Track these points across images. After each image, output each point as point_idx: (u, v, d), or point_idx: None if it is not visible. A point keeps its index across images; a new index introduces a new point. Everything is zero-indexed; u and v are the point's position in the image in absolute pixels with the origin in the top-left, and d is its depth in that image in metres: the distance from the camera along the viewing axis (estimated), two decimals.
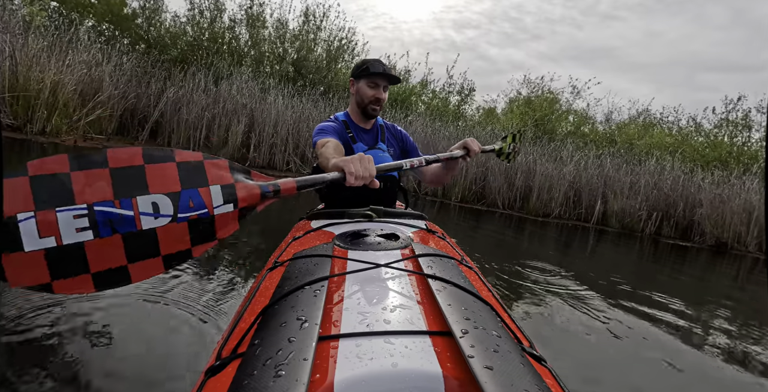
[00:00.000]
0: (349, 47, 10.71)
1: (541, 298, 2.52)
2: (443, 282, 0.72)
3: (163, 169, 0.79)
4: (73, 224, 0.70)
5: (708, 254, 6.03)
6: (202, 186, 0.82)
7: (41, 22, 6.91)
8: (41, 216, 0.68)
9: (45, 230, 0.68)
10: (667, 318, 2.52)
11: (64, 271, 0.71)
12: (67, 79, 5.90)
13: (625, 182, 7.47)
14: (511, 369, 0.48)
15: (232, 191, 0.86)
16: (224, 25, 9.93)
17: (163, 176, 0.79)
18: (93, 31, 8.55)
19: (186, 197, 0.80)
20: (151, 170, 0.78)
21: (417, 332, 0.56)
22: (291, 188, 0.94)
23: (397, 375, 0.47)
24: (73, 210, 0.70)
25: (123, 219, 0.74)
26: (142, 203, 0.76)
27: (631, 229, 7.11)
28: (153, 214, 0.76)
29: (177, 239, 0.80)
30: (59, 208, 0.69)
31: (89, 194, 0.72)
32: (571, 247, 5.10)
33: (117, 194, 0.74)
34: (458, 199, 7.62)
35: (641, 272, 4.14)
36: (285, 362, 0.47)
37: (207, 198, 0.82)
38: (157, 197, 0.77)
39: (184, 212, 0.79)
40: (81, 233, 0.71)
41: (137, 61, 8.11)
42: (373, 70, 1.60)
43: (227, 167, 0.88)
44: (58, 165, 0.71)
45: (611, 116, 12.33)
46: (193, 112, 7.36)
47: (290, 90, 8.36)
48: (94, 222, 0.72)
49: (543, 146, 8.62)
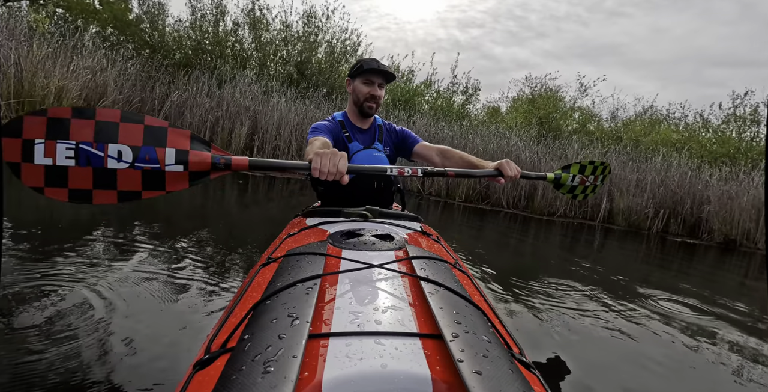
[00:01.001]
0: (353, 48, 10.72)
1: (540, 302, 2.50)
2: (436, 285, 0.72)
3: (133, 128, 1.03)
4: (64, 153, 0.99)
5: (716, 251, 5.95)
6: (160, 146, 1.05)
7: (46, 29, 6.99)
8: (47, 143, 0.98)
9: (47, 153, 0.98)
10: (673, 319, 2.47)
11: (53, 182, 1.00)
12: (71, 84, 5.96)
13: (632, 179, 7.39)
14: (500, 374, 0.48)
15: (185, 155, 1.07)
16: (227, 28, 9.99)
17: (131, 133, 1.03)
18: (98, 37, 8.64)
19: (144, 151, 1.03)
20: (123, 127, 1.03)
21: (407, 334, 0.56)
22: (243, 165, 1.11)
23: (386, 376, 0.47)
24: (66, 143, 0.99)
25: (96, 157, 1.01)
26: (111, 149, 1.01)
27: (638, 227, 7.03)
28: (117, 158, 1.02)
29: (131, 182, 1.04)
30: (59, 140, 0.98)
31: (79, 136, 1.00)
32: (576, 246, 5.05)
33: (96, 139, 1.01)
34: (462, 199, 7.59)
35: (647, 271, 4.08)
36: (274, 358, 0.47)
37: (162, 156, 1.05)
38: (122, 147, 1.02)
39: (140, 163, 1.03)
40: (68, 160, 0.99)
41: (141, 65, 8.19)
42: (367, 67, 1.60)
43: (188, 137, 1.09)
44: (65, 113, 1.00)
45: (617, 113, 12.23)
46: (197, 115, 7.41)
47: (293, 92, 8.39)
48: (77, 155, 1.00)
49: (548, 144, 8.56)
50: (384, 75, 1.63)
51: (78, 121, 1.00)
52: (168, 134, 1.06)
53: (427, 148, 1.78)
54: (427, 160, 1.78)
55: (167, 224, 3.21)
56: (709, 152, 9.65)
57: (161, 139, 1.05)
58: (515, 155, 7.78)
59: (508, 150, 7.90)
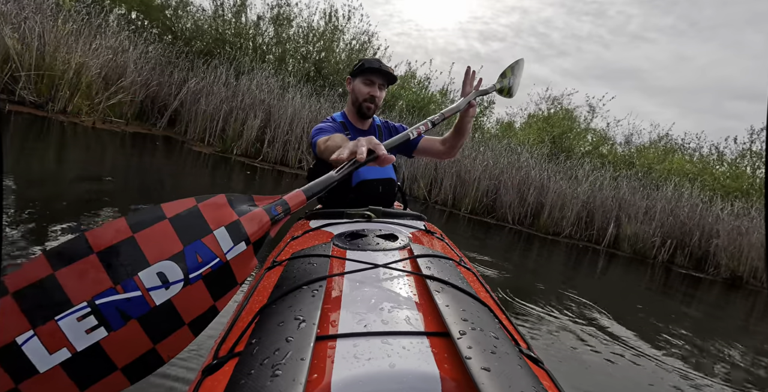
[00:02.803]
0: (371, 50, 10.74)
1: (545, 314, 2.43)
2: (441, 283, 0.72)
3: (157, 232, 0.71)
4: (80, 327, 0.63)
5: (722, 287, 5.84)
6: (206, 235, 0.74)
7: (71, 6, 7.05)
8: (43, 331, 0.61)
9: (53, 344, 0.61)
10: (669, 343, 2.41)
11: (91, 377, 0.65)
12: (92, 62, 6.00)
13: (641, 206, 7.30)
14: (509, 370, 0.48)
15: (240, 227, 0.77)
16: (250, 21, 10.05)
17: (159, 240, 0.71)
18: (123, 19, 8.71)
19: (192, 253, 0.72)
20: (143, 238, 0.70)
21: (415, 332, 0.56)
22: (300, 201, 0.86)
23: (395, 376, 0.47)
24: (74, 313, 0.63)
25: (132, 303, 0.66)
26: (146, 278, 0.68)
27: (643, 255, 6.93)
28: (163, 285, 0.69)
29: (197, 301, 0.72)
30: (58, 316, 0.62)
31: (85, 290, 0.65)
32: (580, 268, 4.97)
33: (115, 278, 0.66)
34: (468, 210, 7.52)
35: (649, 297, 4.00)
36: (282, 362, 0.47)
37: (215, 246, 0.74)
38: (160, 266, 0.69)
39: (195, 271, 0.71)
40: (92, 332, 0.64)
41: (162, 50, 8.24)
42: (368, 66, 1.56)
43: (226, 202, 0.79)
44: (39, 270, 0.64)
45: (631, 138, 12.14)
46: (211, 103, 7.42)
47: (309, 89, 8.39)
48: (102, 317, 0.64)
49: (559, 164, 8.49)
50: (385, 76, 1.58)
51: (68, 269, 0.65)
52: (204, 214, 0.77)
53: (432, 141, 1.76)
54: (434, 152, 1.75)
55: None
56: (722, 186, 9.53)
57: (201, 224, 0.76)
58: (525, 172, 7.72)
59: (519, 166, 7.84)
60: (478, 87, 1.57)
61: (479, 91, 1.57)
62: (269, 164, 7.24)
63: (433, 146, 1.74)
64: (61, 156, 4.11)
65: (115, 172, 4.05)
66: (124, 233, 0.69)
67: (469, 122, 1.61)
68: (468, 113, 1.57)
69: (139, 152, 5.60)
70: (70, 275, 0.64)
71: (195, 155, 6.43)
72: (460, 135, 1.66)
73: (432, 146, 1.74)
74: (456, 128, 1.65)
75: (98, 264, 0.66)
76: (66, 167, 3.72)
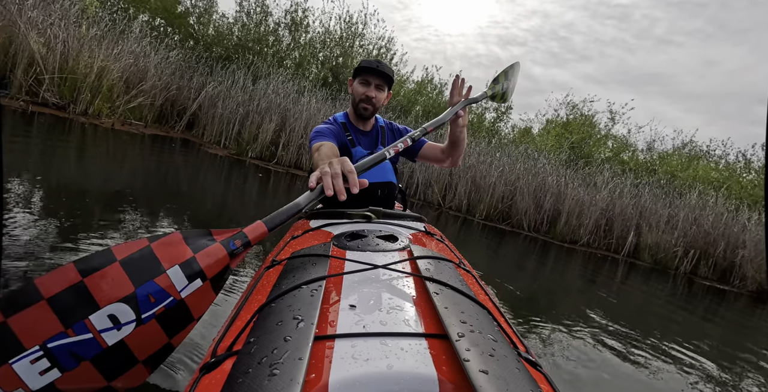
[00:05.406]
0: (388, 56, 10.76)
1: (549, 319, 2.34)
2: (441, 285, 0.72)
3: (106, 275, 0.72)
4: (33, 369, 0.66)
5: (747, 300, 5.57)
6: (159, 274, 0.75)
7: (94, 13, 7.28)
8: None
9: (8, 385, 0.65)
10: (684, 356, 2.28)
11: None
12: (113, 66, 6.16)
13: (663, 214, 7.06)
14: (507, 373, 0.48)
15: (194, 264, 0.78)
16: (269, 28, 10.20)
17: (110, 283, 0.72)
18: (146, 25, 8.95)
19: (144, 293, 0.73)
20: (93, 282, 0.71)
21: (413, 334, 0.56)
22: (262, 233, 0.86)
23: (392, 377, 0.47)
24: (27, 356, 0.66)
25: (84, 345, 0.68)
26: (97, 321, 0.69)
27: (665, 265, 6.68)
28: (114, 327, 0.70)
29: (151, 340, 0.74)
30: (12, 360, 0.65)
31: (37, 334, 0.67)
32: (596, 277, 4.81)
33: (66, 322, 0.68)
34: (482, 217, 7.41)
35: (668, 309, 3.83)
36: (280, 361, 0.47)
37: (168, 285, 0.75)
38: (112, 308, 0.70)
39: (148, 311, 0.73)
40: (46, 374, 0.67)
41: (183, 55, 8.42)
42: (365, 66, 1.54)
43: (181, 240, 0.80)
44: None
45: (653, 144, 11.81)
46: (228, 107, 7.54)
47: (324, 94, 8.44)
48: (54, 359, 0.67)
49: (577, 170, 8.31)
50: (383, 77, 1.55)
51: (20, 315, 0.66)
52: (156, 253, 0.77)
53: (434, 148, 1.73)
54: (435, 159, 1.73)
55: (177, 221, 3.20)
56: (749, 195, 9.16)
57: (153, 264, 0.76)
58: (542, 177, 7.57)
59: (535, 171, 7.70)
60: (468, 95, 1.51)
61: (468, 100, 1.52)
62: (283, 167, 7.29)
63: (435, 154, 1.72)
64: (81, 155, 4.21)
65: (133, 171, 4.14)
66: (74, 277, 0.71)
67: (461, 132, 1.56)
68: (457, 123, 1.52)
69: (157, 153, 5.70)
70: (22, 321, 0.67)
71: (211, 158, 6.51)
72: (455, 146, 1.62)
73: (434, 153, 1.72)
74: (449, 140, 1.61)
75: (48, 309, 0.68)
76: (84, 166, 3.80)
